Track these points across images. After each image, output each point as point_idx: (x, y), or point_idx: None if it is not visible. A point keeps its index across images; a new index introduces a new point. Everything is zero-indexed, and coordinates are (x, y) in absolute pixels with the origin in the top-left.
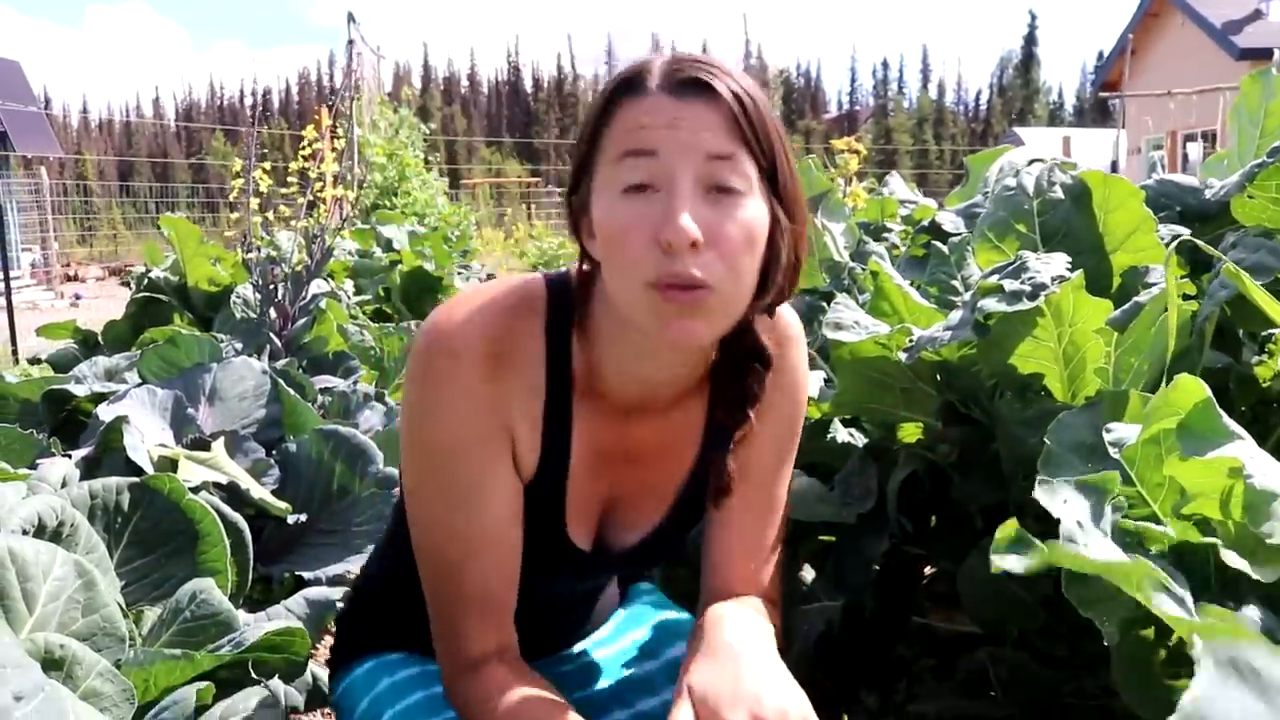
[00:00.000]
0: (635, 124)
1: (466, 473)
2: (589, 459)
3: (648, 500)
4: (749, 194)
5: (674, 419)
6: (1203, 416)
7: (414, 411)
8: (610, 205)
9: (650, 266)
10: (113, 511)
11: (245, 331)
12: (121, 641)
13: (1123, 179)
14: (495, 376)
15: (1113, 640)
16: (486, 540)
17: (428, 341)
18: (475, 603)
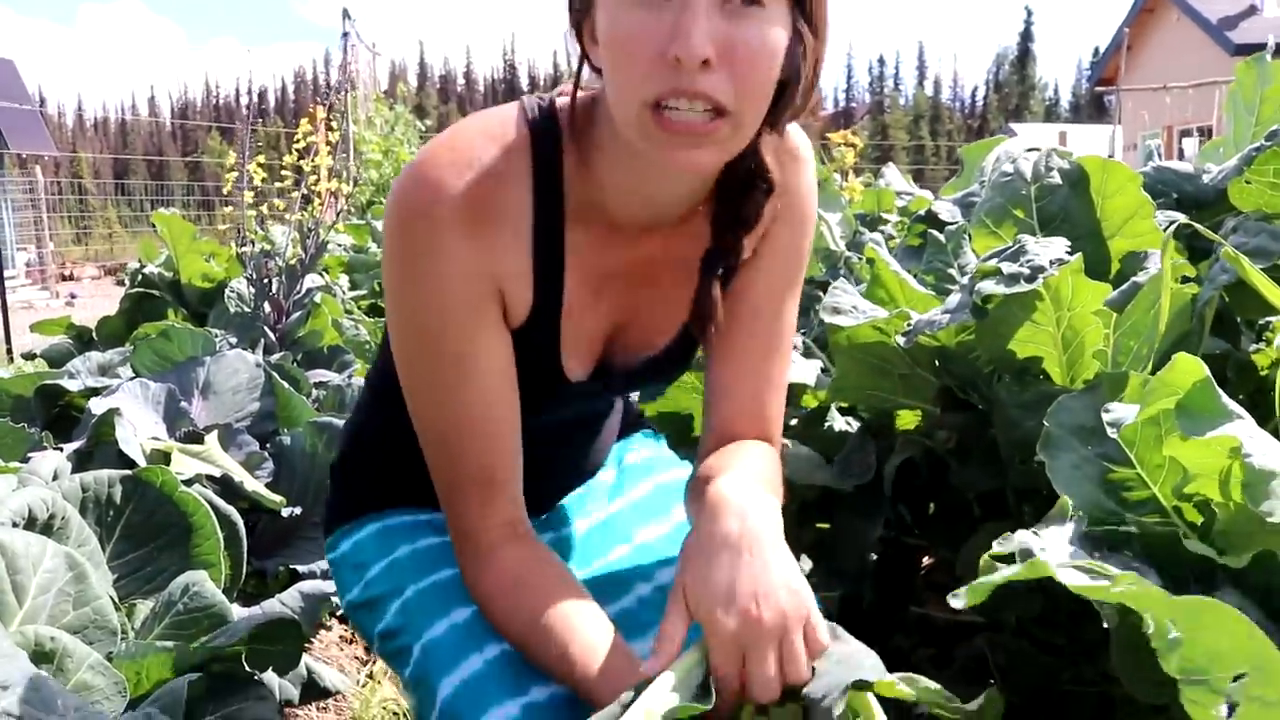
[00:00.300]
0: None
1: (455, 339)
2: (587, 288)
3: (653, 325)
4: (769, 7)
5: (679, 241)
6: (1202, 396)
7: (394, 279)
8: (616, 12)
9: (654, 83)
10: (104, 504)
11: (239, 326)
12: (113, 634)
13: (1121, 164)
14: (477, 232)
15: (1112, 623)
16: (480, 408)
17: (403, 202)
18: (477, 477)
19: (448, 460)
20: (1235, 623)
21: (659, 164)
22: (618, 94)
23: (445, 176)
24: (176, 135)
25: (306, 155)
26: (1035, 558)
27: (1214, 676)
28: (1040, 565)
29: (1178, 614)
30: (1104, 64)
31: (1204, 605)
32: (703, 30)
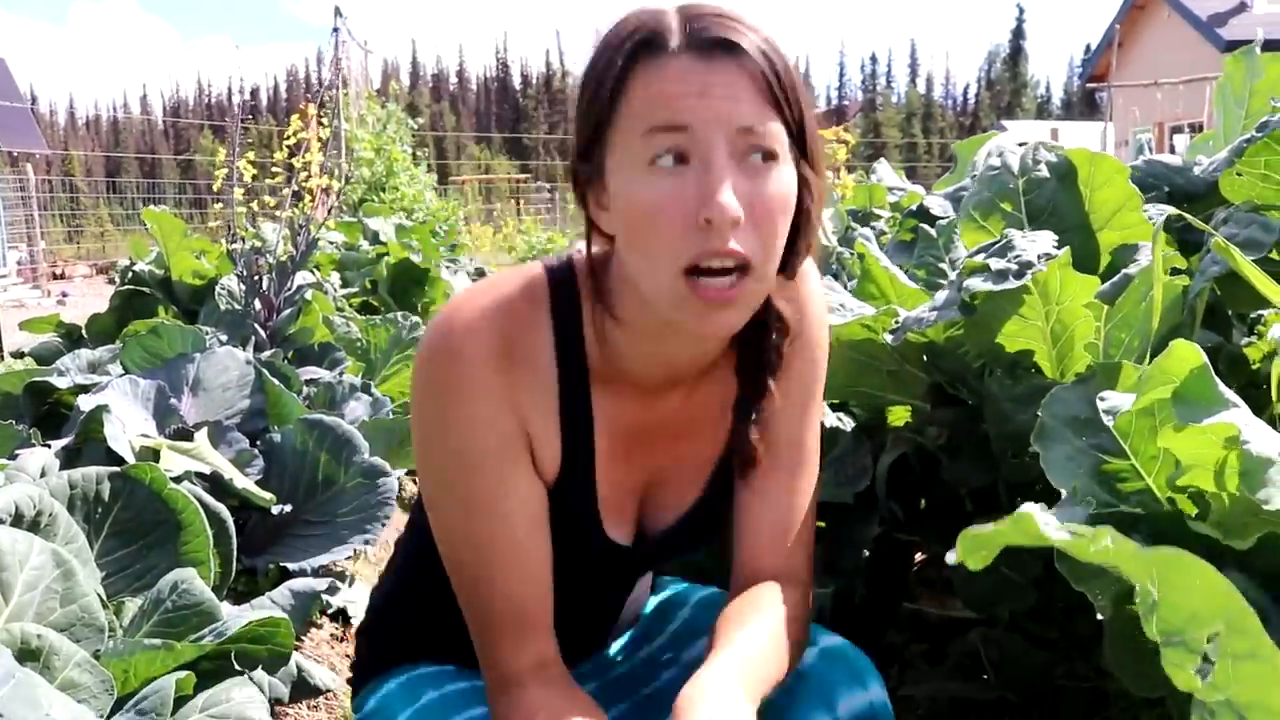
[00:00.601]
0: (662, 94)
1: (484, 481)
2: (617, 446)
3: (684, 478)
4: (781, 160)
5: (702, 391)
6: (1199, 383)
7: (424, 421)
8: (636, 181)
9: (685, 249)
10: (93, 501)
11: (230, 323)
12: (101, 632)
13: (1108, 156)
14: (504, 375)
15: (1105, 614)
16: (510, 550)
17: (431, 346)
18: (507, 617)
19: (479, 601)
20: (1206, 574)
21: (690, 331)
22: (647, 263)
23: (474, 319)
24: (169, 134)
25: (297, 152)
26: (1024, 512)
27: (1190, 636)
28: (1028, 519)
29: (1150, 567)
30: (1095, 61)
31: (1174, 556)
32: (730, 191)
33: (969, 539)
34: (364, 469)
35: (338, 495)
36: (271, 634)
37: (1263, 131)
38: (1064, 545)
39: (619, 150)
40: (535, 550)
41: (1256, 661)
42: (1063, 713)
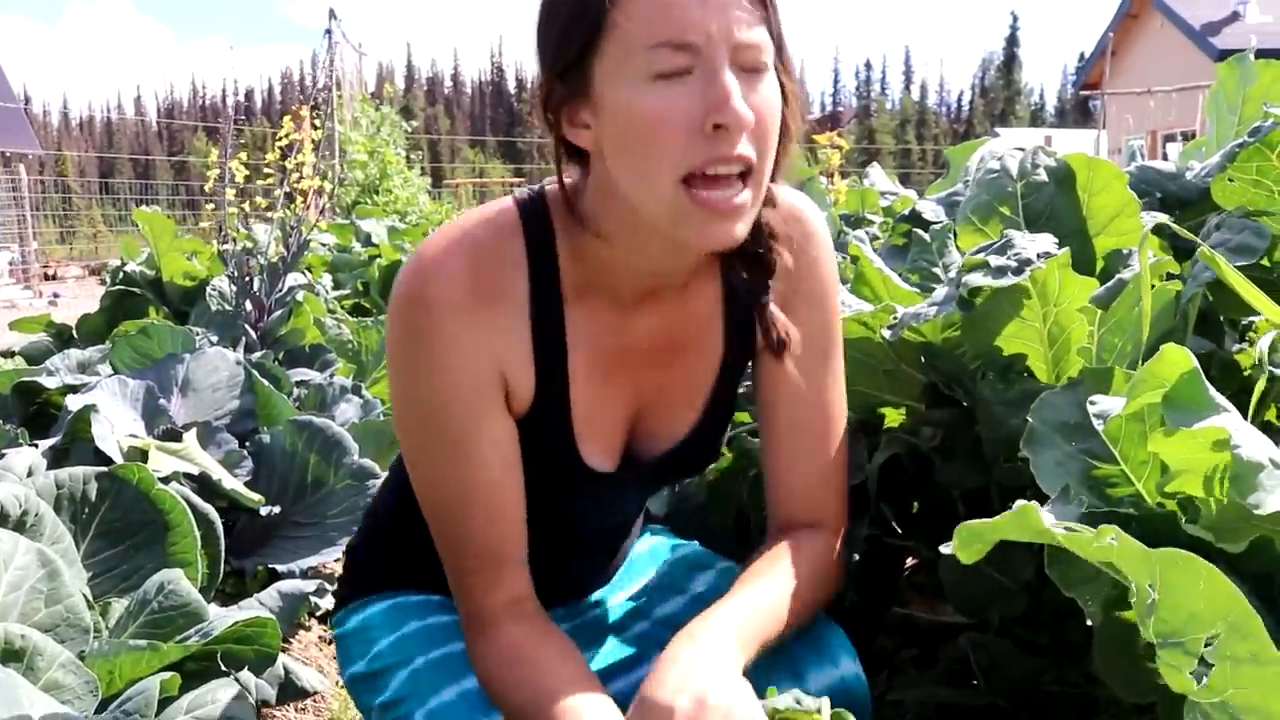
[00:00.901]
0: (662, 6)
1: (456, 424)
2: (595, 370)
3: (678, 400)
4: (768, 70)
5: (682, 306)
6: (1189, 388)
7: (397, 366)
8: (638, 93)
9: (687, 157)
10: (80, 502)
11: (221, 324)
12: (86, 632)
13: (1107, 161)
14: (476, 313)
15: (1096, 620)
16: (483, 490)
17: (402, 292)
18: (482, 556)
19: (453, 539)
20: (1210, 576)
21: (693, 243)
22: (645, 174)
23: (442, 259)
24: (162, 135)
25: (290, 153)
26: (1027, 506)
27: (1189, 638)
28: (1030, 512)
29: (1154, 568)
30: (1089, 69)
31: (1179, 556)
32: (741, 97)
33: (966, 532)
34: (354, 470)
35: (327, 497)
36: (258, 634)
37: (1255, 137)
38: (1066, 541)
39: (613, 63)
40: (509, 489)
41: (1258, 665)
42: (1052, 719)
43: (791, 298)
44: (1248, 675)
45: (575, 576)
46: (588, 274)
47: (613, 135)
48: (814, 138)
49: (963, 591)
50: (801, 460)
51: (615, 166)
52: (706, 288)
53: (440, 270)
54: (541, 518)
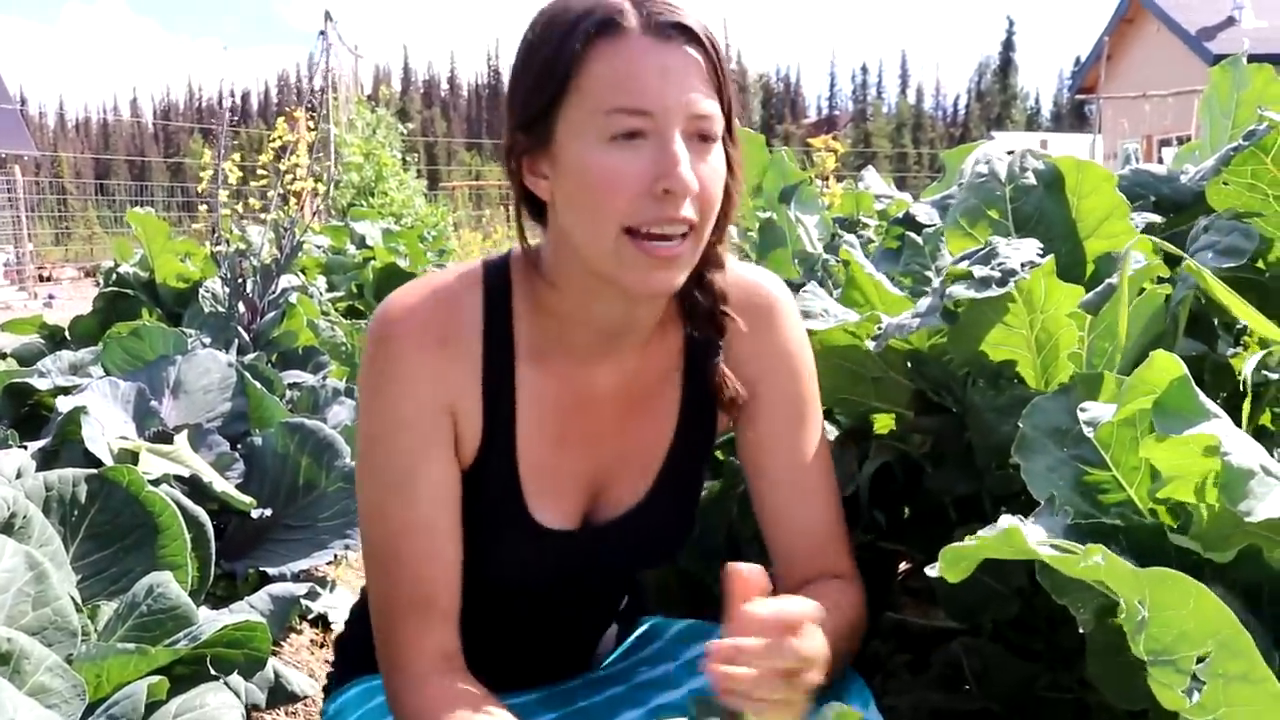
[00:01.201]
0: (624, 74)
1: (401, 455)
2: (547, 425)
3: (637, 464)
4: (717, 140)
5: (646, 371)
6: (1179, 394)
7: (359, 397)
8: (593, 153)
9: (634, 214)
10: (69, 504)
11: (213, 326)
12: (74, 636)
13: (1096, 164)
14: (431, 354)
15: (1088, 627)
16: (420, 531)
17: (372, 329)
18: (413, 601)
19: (387, 582)
20: (1199, 595)
21: (631, 288)
22: (592, 223)
23: (407, 302)
24: (159, 137)
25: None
26: (1012, 526)
27: (1180, 656)
28: (1015, 533)
29: (1143, 587)
30: (1084, 73)
31: (1167, 576)
32: (689, 166)
33: (950, 554)
34: (346, 473)
35: (319, 499)
36: (248, 638)
37: (1249, 140)
38: (1052, 561)
39: (574, 124)
40: (446, 535)
41: (1249, 684)
42: None
43: (758, 363)
44: (1239, 693)
45: (553, 660)
46: (545, 329)
47: (566, 187)
48: (809, 141)
49: (955, 597)
50: (794, 518)
51: (565, 216)
52: (665, 352)
53: (403, 311)
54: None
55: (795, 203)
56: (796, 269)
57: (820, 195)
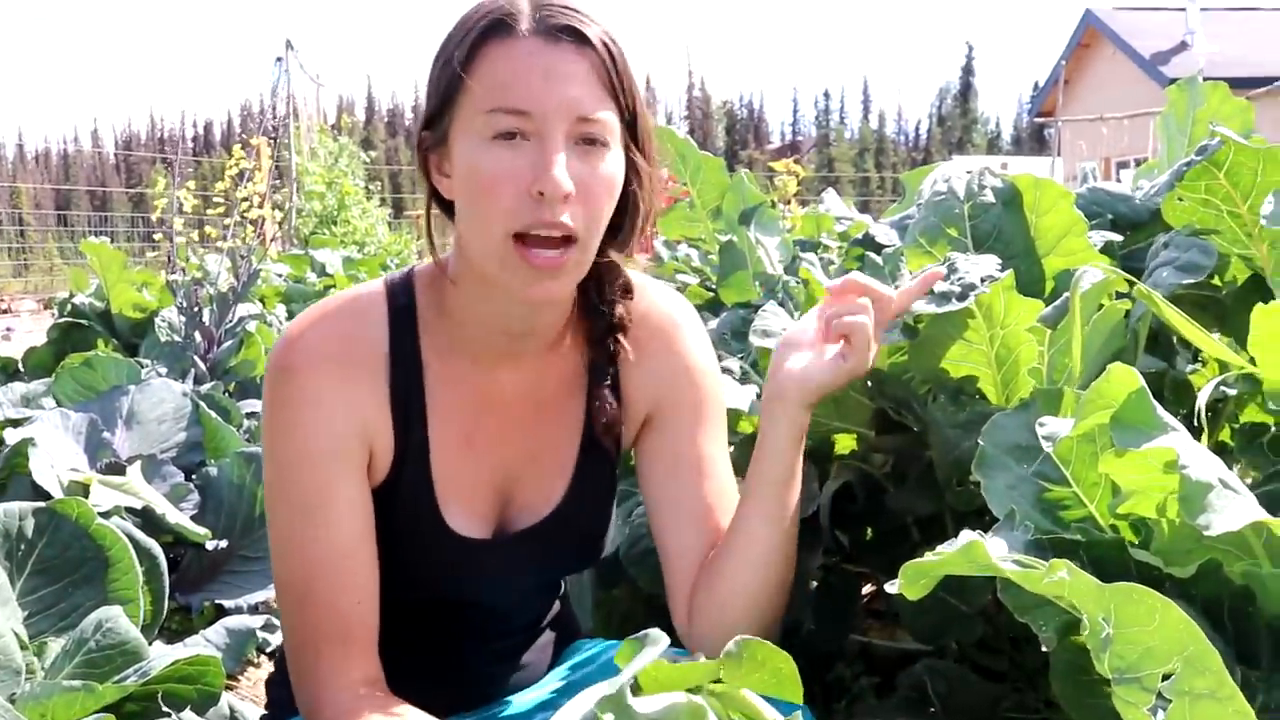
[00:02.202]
0: (507, 74)
1: (310, 486)
2: (459, 432)
3: (546, 471)
4: (611, 146)
5: (549, 375)
6: (1137, 408)
7: (264, 432)
8: (477, 152)
9: (516, 217)
10: (15, 538)
11: (170, 355)
12: (18, 674)
13: (1053, 181)
14: (333, 380)
15: (1050, 646)
16: (337, 559)
17: (271, 361)
18: (330, 633)
19: (304, 616)
20: (1165, 610)
21: (516, 294)
22: (480, 226)
23: (304, 328)
24: (120, 169)
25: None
26: (974, 541)
27: (1145, 674)
28: (977, 548)
29: (1108, 603)
30: (1043, 97)
31: (1133, 591)
32: (564, 168)
33: (911, 570)
34: None
35: None
36: (201, 673)
37: (1202, 155)
38: (1016, 577)
39: (463, 122)
40: (361, 561)
41: (1216, 702)
42: None
43: (668, 383)
44: (1205, 711)
45: (477, 675)
46: (450, 334)
47: (458, 187)
48: (771, 165)
49: (919, 618)
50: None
51: (460, 215)
52: (571, 358)
53: (301, 338)
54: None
55: (755, 224)
56: (757, 290)
57: (782, 218)
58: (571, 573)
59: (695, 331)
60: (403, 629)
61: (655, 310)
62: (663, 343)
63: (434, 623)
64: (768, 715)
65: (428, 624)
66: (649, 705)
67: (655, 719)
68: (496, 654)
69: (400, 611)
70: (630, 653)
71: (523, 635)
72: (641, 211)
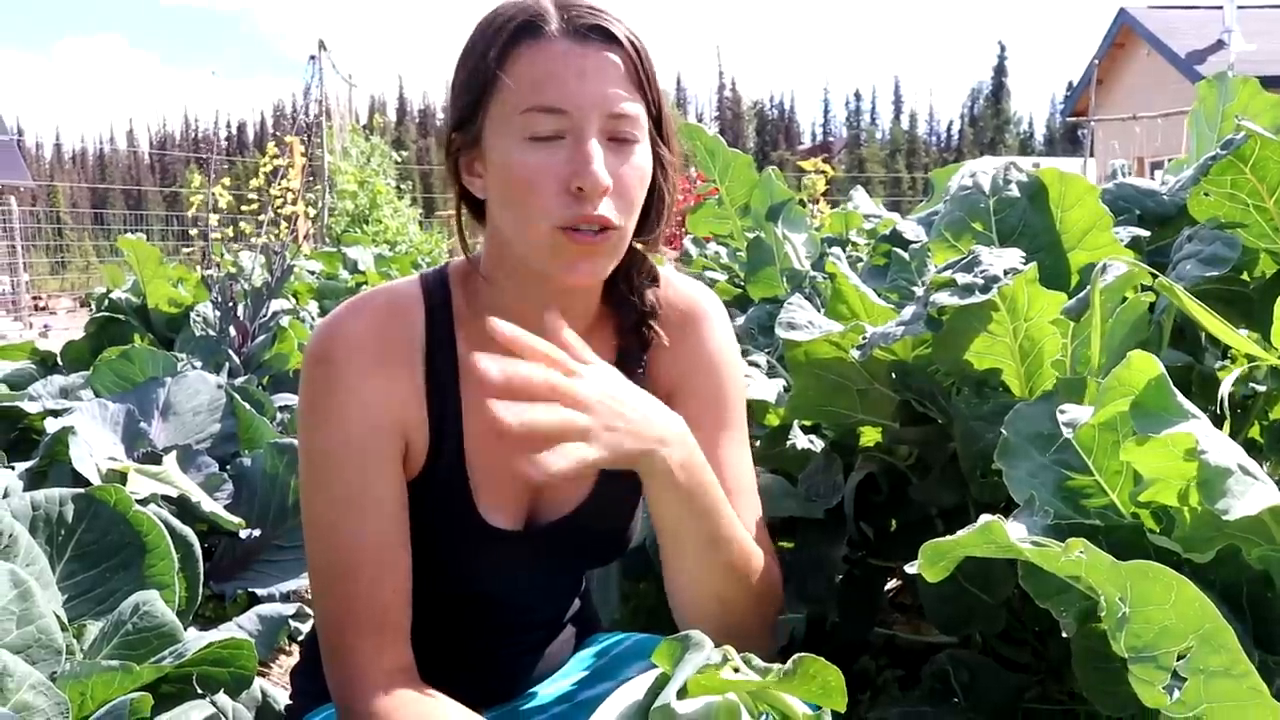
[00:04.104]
0: (542, 74)
1: (350, 476)
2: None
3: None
4: (641, 140)
5: None
6: (1157, 394)
7: (300, 422)
8: (514, 151)
9: (559, 210)
10: (55, 523)
11: (204, 349)
12: (58, 654)
13: (1078, 176)
14: (372, 371)
15: (1070, 632)
16: (372, 547)
17: (309, 352)
18: (367, 620)
19: (338, 603)
20: (1180, 588)
21: (558, 278)
22: (523, 223)
23: (343, 322)
24: (154, 168)
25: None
26: (993, 522)
27: (1161, 652)
28: (996, 528)
29: (1124, 581)
30: (1076, 98)
31: (1149, 569)
32: (601, 163)
33: (930, 550)
34: None
35: None
36: (234, 656)
37: (1228, 149)
38: (1033, 556)
39: (497, 123)
40: (397, 550)
41: (1230, 679)
42: None
43: (687, 371)
44: (1220, 689)
45: (503, 668)
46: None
47: (495, 186)
48: (799, 164)
49: (943, 609)
50: None
51: (498, 213)
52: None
53: (340, 330)
54: (455, 588)
55: (783, 221)
56: (784, 286)
57: (811, 216)
58: (597, 566)
59: (718, 323)
60: (429, 622)
61: (679, 299)
62: (684, 332)
63: (460, 616)
64: (797, 710)
65: (454, 617)
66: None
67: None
68: (521, 648)
69: (427, 604)
70: (671, 653)
71: (546, 630)
72: (667, 202)
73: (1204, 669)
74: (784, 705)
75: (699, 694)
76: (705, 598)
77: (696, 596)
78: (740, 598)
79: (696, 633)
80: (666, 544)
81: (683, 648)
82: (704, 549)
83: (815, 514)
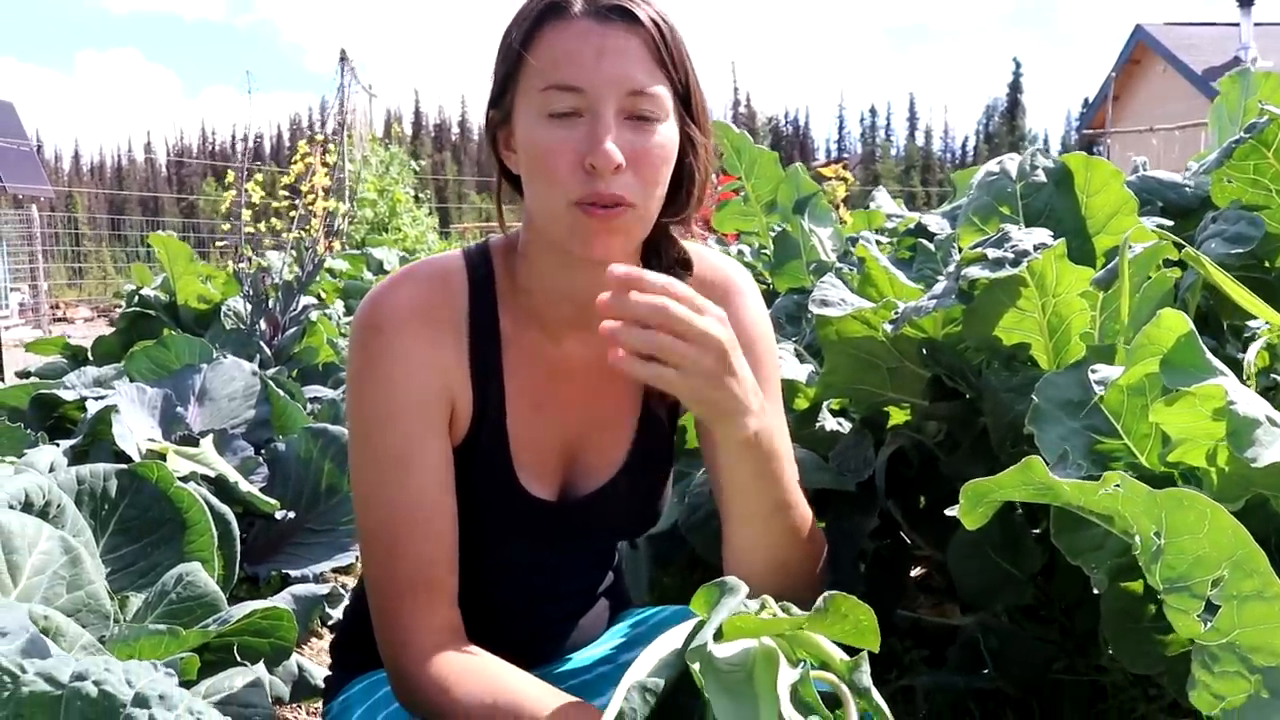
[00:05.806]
0: (561, 53)
1: (399, 440)
2: (530, 397)
3: (609, 437)
4: (664, 119)
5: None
6: (1186, 350)
7: (349, 388)
8: (536, 128)
9: (574, 187)
10: (99, 498)
11: (235, 342)
12: (106, 619)
13: (1104, 161)
14: (420, 336)
15: (1101, 588)
16: (420, 509)
17: (358, 320)
18: (415, 580)
19: (389, 566)
20: (1215, 514)
21: (578, 253)
22: (542, 195)
23: (392, 287)
24: (172, 181)
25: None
26: (1032, 458)
27: (1195, 581)
28: (1035, 464)
29: (1158, 511)
30: (1092, 113)
31: (1184, 497)
32: (613, 142)
33: (971, 491)
34: None
35: (341, 503)
36: (274, 627)
37: (1250, 133)
38: (1071, 491)
39: (523, 100)
40: (444, 513)
41: (1264, 602)
42: (1062, 705)
43: None
44: (1253, 613)
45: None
46: (521, 304)
47: (522, 161)
48: (820, 171)
49: (970, 581)
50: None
51: (525, 188)
52: None
53: (390, 298)
54: (493, 556)
55: (809, 214)
56: (810, 278)
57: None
58: (628, 538)
59: (751, 297)
60: (465, 588)
61: (712, 274)
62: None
63: (497, 583)
64: (834, 654)
65: (490, 584)
66: (726, 650)
67: (733, 663)
68: (556, 616)
69: (464, 571)
70: (708, 599)
71: (580, 600)
72: (698, 181)
73: (1237, 594)
74: (822, 651)
75: (735, 637)
76: (766, 561)
77: (757, 560)
78: (798, 560)
79: (733, 578)
80: (735, 508)
81: (720, 592)
82: (770, 514)
83: (848, 486)
